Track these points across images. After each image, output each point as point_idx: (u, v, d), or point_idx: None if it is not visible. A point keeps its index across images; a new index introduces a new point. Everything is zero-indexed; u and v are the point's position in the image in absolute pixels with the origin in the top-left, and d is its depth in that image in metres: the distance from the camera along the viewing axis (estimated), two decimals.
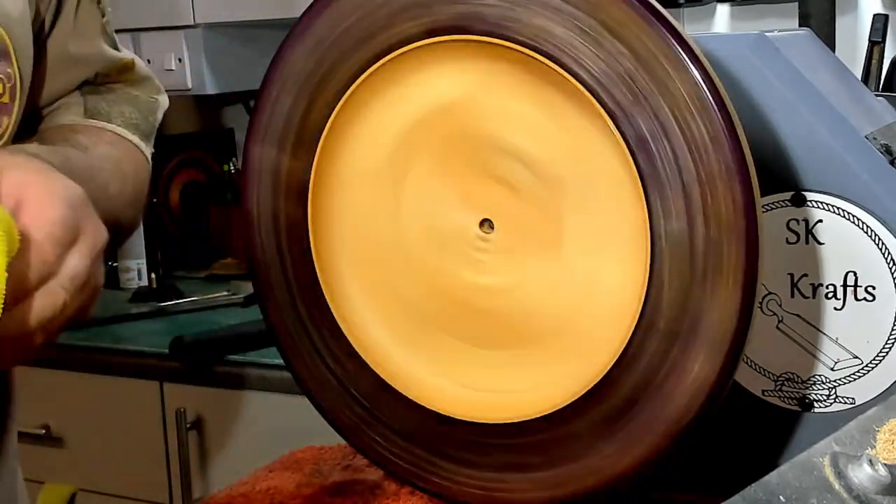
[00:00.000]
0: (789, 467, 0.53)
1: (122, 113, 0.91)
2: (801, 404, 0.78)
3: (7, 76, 0.77)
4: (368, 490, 0.82)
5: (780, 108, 0.75)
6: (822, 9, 1.65)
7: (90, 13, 0.91)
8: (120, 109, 0.91)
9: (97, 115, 0.90)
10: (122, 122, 0.90)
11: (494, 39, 0.66)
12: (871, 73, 1.67)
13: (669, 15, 0.63)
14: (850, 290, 0.75)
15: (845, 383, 0.77)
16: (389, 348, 0.74)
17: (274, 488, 0.84)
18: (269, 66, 0.74)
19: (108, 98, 0.91)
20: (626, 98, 0.63)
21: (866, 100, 0.87)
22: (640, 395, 0.66)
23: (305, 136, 0.73)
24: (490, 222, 0.70)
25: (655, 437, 0.66)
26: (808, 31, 0.88)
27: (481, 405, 0.72)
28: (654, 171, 0.63)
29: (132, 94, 0.93)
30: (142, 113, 0.93)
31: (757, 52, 0.76)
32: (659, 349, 0.65)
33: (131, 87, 0.94)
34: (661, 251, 0.64)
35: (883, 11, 1.84)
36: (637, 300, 0.65)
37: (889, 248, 0.74)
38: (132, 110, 0.92)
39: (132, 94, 0.93)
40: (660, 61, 0.62)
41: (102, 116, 0.90)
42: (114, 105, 0.91)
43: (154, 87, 0.97)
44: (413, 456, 0.75)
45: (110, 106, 0.91)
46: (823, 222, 0.75)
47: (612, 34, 0.63)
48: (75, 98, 0.91)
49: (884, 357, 0.75)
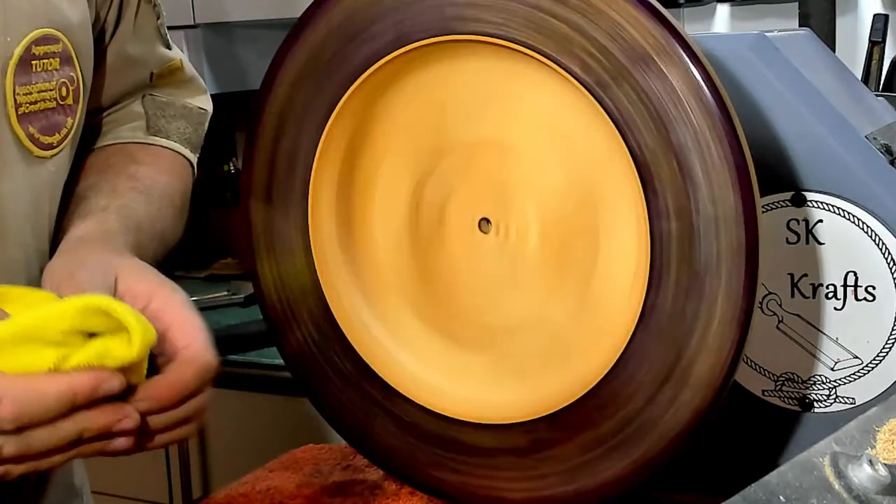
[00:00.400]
0: (789, 467, 0.53)
1: (178, 129, 0.98)
2: (801, 404, 0.78)
3: (70, 80, 0.84)
4: (368, 490, 0.82)
5: (780, 108, 0.75)
6: (822, 9, 1.65)
7: (147, 15, 0.97)
8: (177, 125, 0.98)
9: (158, 133, 0.97)
10: (178, 138, 0.98)
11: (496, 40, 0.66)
12: (871, 73, 1.67)
13: (669, 14, 0.63)
14: (850, 290, 0.75)
15: (845, 383, 0.77)
16: (389, 348, 0.74)
17: (274, 488, 0.84)
18: (269, 65, 0.75)
19: (167, 113, 0.98)
20: (627, 97, 0.63)
21: (866, 100, 0.87)
22: (640, 397, 0.66)
23: (307, 137, 0.73)
24: (486, 220, 0.70)
25: (655, 438, 0.66)
26: (808, 31, 0.88)
27: (481, 406, 0.72)
28: (652, 170, 0.63)
29: (187, 107, 1.00)
30: (192, 126, 1.01)
31: (757, 52, 0.76)
32: (659, 350, 0.65)
33: (181, 91, 1.01)
34: (661, 251, 0.64)
35: (883, 11, 1.84)
36: (638, 299, 0.65)
37: (889, 248, 0.74)
38: (186, 125, 0.99)
39: (187, 105, 1.00)
40: (660, 60, 0.62)
41: (162, 133, 0.98)
42: (172, 121, 0.98)
43: (199, 87, 1.04)
44: (413, 456, 0.75)
45: (169, 122, 0.98)
46: (823, 222, 0.75)
47: (613, 33, 0.63)
48: (136, 108, 0.98)
49: (884, 357, 0.75)
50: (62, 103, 0.84)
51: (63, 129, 0.85)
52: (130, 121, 0.98)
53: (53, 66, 0.83)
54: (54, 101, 0.83)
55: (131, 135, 0.97)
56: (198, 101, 1.03)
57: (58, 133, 0.84)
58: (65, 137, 0.85)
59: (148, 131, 0.98)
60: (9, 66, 0.79)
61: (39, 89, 0.82)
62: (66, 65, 0.84)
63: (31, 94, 0.81)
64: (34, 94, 0.81)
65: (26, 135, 0.81)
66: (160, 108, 0.99)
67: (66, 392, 0.64)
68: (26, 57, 0.80)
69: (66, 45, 0.84)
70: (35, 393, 0.64)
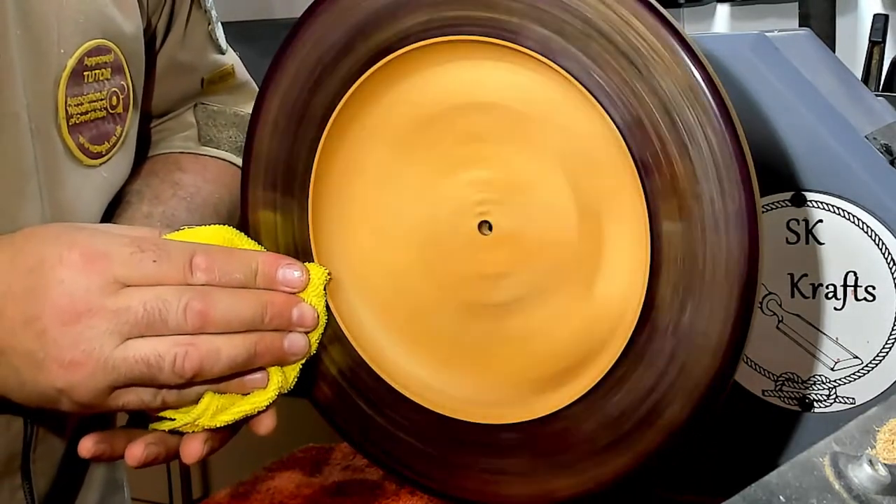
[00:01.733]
0: (789, 467, 0.53)
1: (229, 138, 0.99)
2: (801, 404, 0.78)
3: (121, 88, 0.85)
4: (368, 490, 0.82)
5: (780, 108, 0.75)
6: (822, 9, 1.65)
7: (198, 21, 0.98)
8: (228, 135, 0.99)
9: (209, 143, 0.99)
10: (229, 147, 0.99)
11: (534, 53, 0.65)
12: (871, 73, 1.67)
13: (669, 14, 0.63)
14: (850, 290, 0.75)
15: (845, 383, 0.77)
16: (388, 347, 0.74)
17: (274, 488, 0.84)
18: (269, 65, 0.75)
19: (218, 122, 0.99)
20: (627, 97, 0.63)
21: (866, 100, 0.87)
22: (640, 396, 0.66)
23: (307, 136, 0.73)
24: (487, 223, 0.70)
25: (655, 439, 0.66)
26: (808, 31, 0.88)
27: (481, 406, 0.72)
28: (652, 170, 0.63)
29: (238, 115, 1.01)
30: (244, 133, 1.02)
31: (757, 52, 0.76)
32: (658, 350, 0.65)
33: (232, 96, 1.02)
34: (662, 251, 0.64)
35: (883, 11, 1.84)
36: (637, 299, 0.65)
37: (889, 248, 0.74)
38: (237, 133, 1.00)
39: (238, 113, 1.01)
40: (660, 61, 0.62)
41: (213, 143, 0.99)
42: (223, 130, 0.99)
43: (251, 91, 1.04)
44: (413, 456, 0.75)
45: (220, 132, 0.99)
46: (823, 222, 0.75)
47: (613, 35, 0.63)
48: (188, 118, 0.99)
49: (884, 357, 0.75)
50: (112, 112, 0.85)
51: (112, 137, 0.85)
52: (182, 130, 0.99)
53: (104, 77, 0.83)
54: (104, 110, 0.84)
55: (182, 145, 0.98)
56: (249, 107, 1.04)
57: (107, 142, 0.84)
58: (113, 146, 0.85)
59: (199, 141, 0.98)
60: (62, 79, 0.79)
61: (90, 100, 0.82)
62: (117, 74, 0.84)
63: (81, 104, 0.81)
64: (85, 105, 0.82)
65: (76, 145, 0.81)
66: (211, 116, 1.00)
67: (251, 257, 0.67)
68: (79, 69, 0.80)
69: (118, 55, 0.84)
70: (222, 251, 0.67)
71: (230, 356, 0.65)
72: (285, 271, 0.68)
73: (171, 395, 0.65)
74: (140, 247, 0.64)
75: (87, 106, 0.82)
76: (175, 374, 0.63)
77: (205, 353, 0.64)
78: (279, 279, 0.68)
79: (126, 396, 0.65)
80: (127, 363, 0.63)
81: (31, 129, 0.77)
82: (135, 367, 0.63)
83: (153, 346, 0.63)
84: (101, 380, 0.63)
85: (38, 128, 0.78)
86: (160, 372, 0.63)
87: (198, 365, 0.64)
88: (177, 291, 0.64)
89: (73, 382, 0.63)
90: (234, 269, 0.66)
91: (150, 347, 0.63)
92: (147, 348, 0.63)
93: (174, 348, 0.63)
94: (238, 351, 0.65)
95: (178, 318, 0.63)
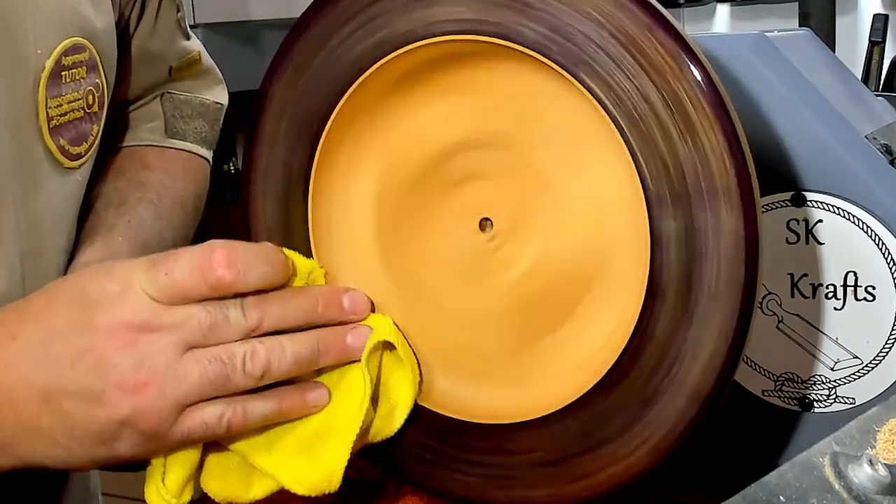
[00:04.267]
0: (789, 467, 0.53)
1: (195, 129, 0.99)
2: (801, 404, 0.78)
3: (96, 87, 0.83)
4: (368, 490, 0.82)
5: (780, 108, 0.75)
6: (822, 9, 1.65)
7: (168, 9, 0.97)
8: (194, 126, 0.99)
9: (175, 135, 0.98)
10: (195, 139, 0.99)
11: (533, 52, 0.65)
12: (871, 73, 1.67)
13: (670, 15, 0.63)
14: (850, 290, 0.75)
15: (845, 383, 0.77)
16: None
17: None
18: (269, 65, 0.75)
19: (184, 113, 0.99)
20: (627, 98, 0.63)
21: (866, 100, 0.87)
22: (638, 397, 0.66)
23: (307, 136, 0.73)
24: (488, 220, 0.70)
25: (655, 440, 0.66)
26: (808, 31, 0.88)
27: (480, 406, 0.72)
28: (651, 170, 0.63)
29: (204, 104, 1.00)
30: (209, 123, 1.02)
31: (757, 52, 0.76)
32: (657, 351, 0.65)
33: (198, 82, 1.01)
34: (661, 251, 0.64)
35: (883, 11, 1.84)
36: (637, 299, 0.65)
37: (889, 248, 0.74)
38: (202, 124, 0.99)
39: (204, 102, 1.00)
40: (660, 60, 0.62)
41: (179, 136, 0.98)
42: (189, 121, 0.98)
43: (216, 78, 1.04)
44: (413, 456, 0.75)
45: (186, 123, 0.98)
46: (823, 222, 0.75)
47: (618, 36, 0.63)
48: (155, 108, 0.99)
49: (884, 357, 0.75)
50: (88, 111, 0.83)
51: (90, 137, 0.83)
52: (149, 121, 0.98)
53: (80, 76, 0.81)
54: (82, 110, 0.82)
55: (149, 137, 0.98)
56: (214, 93, 1.03)
57: (85, 142, 0.83)
58: (91, 146, 0.84)
59: (165, 133, 0.97)
60: (41, 80, 0.77)
61: (69, 100, 0.80)
62: (92, 72, 0.83)
63: (61, 105, 0.79)
64: (64, 106, 0.80)
65: (57, 147, 0.79)
66: (178, 107, 0.99)
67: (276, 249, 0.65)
68: (56, 69, 0.78)
69: (93, 53, 0.82)
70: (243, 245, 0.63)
71: (295, 351, 0.64)
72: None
73: (236, 415, 0.62)
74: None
75: (66, 107, 0.80)
76: (246, 374, 0.61)
77: (270, 349, 0.62)
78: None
79: (192, 420, 0.61)
80: (200, 365, 0.60)
81: (7, 134, 0.75)
82: (209, 367, 0.60)
83: (222, 348, 0.61)
84: (170, 395, 0.60)
85: (15, 132, 0.76)
86: (234, 371, 0.61)
87: (265, 361, 0.62)
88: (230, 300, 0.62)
89: (140, 406, 0.60)
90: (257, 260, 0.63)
91: (221, 348, 0.61)
92: (217, 349, 0.61)
93: (241, 347, 0.62)
94: (302, 347, 0.64)
95: (238, 316, 0.61)
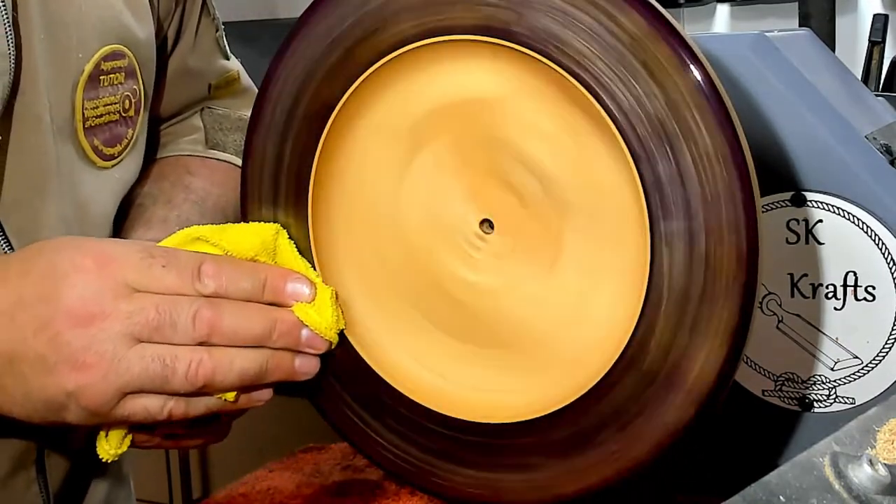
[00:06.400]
0: (789, 467, 0.53)
1: (234, 141, 1.02)
2: (801, 404, 0.78)
3: (133, 92, 0.88)
4: (368, 490, 0.82)
5: (780, 108, 0.75)
6: (822, 9, 1.65)
7: (207, 28, 1.01)
8: (233, 138, 1.02)
9: (216, 146, 1.01)
10: (234, 151, 1.01)
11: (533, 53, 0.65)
12: (871, 73, 1.67)
13: (670, 16, 0.63)
14: (850, 290, 0.75)
15: (845, 383, 0.77)
16: (389, 347, 0.74)
17: (274, 488, 0.84)
18: (269, 65, 0.75)
19: (224, 126, 1.02)
20: (627, 98, 0.63)
21: (866, 100, 0.87)
22: (638, 396, 0.66)
23: (307, 131, 0.73)
24: (490, 223, 0.70)
25: (654, 440, 0.66)
26: (808, 31, 0.88)
27: (480, 405, 0.72)
28: (652, 169, 0.63)
29: (242, 118, 1.03)
30: None
31: (757, 52, 0.76)
32: (657, 350, 0.65)
33: (237, 101, 1.05)
34: (661, 250, 0.64)
35: (883, 11, 1.84)
36: (637, 299, 0.65)
37: (889, 248, 0.74)
38: (241, 137, 1.01)
39: (242, 117, 1.03)
40: (660, 60, 0.62)
41: (220, 147, 1.01)
42: (229, 134, 1.02)
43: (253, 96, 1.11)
44: (413, 456, 0.75)
45: (226, 135, 1.02)
46: (823, 222, 0.75)
47: (613, 35, 0.63)
48: (196, 122, 1.02)
49: (884, 357, 0.75)
50: (124, 115, 0.87)
51: (124, 139, 0.87)
52: (189, 134, 1.02)
53: (119, 81, 0.86)
54: (118, 113, 0.86)
55: (191, 148, 1.01)
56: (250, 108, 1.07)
57: (119, 144, 0.87)
58: (125, 148, 0.88)
59: (206, 144, 1.01)
60: (80, 82, 0.81)
61: (105, 103, 0.84)
62: (130, 78, 0.87)
63: (97, 107, 0.84)
64: (100, 108, 0.84)
65: (91, 147, 0.84)
66: (217, 120, 1.03)
67: (260, 269, 0.68)
68: (95, 73, 0.83)
69: (132, 60, 0.87)
70: (230, 261, 0.68)
71: (242, 368, 0.65)
72: (294, 285, 0.69)
73: (178, 406, 0.66)
74: (150, 252, 0.65)
75: (102, 109, 0.84)
76: (187, 381, 0.64)
77: (218, 363, 0.64)
78: (288, 292, 0.68)
79: (133, 405, 0.65)
80: (143, 362, 0.63)
81: (52, 130, 0.79)
82: (150, 366, 0.63)
83: (169, 349, 0.64)
84: (112, 381, 0.63)
85: (58, 130, 0.80)
86: (174, 375, 0.63)
87: (210, 373, 0.64)
88: (188, 299, 0.64)
89: (84, 384, 0.63)
90: (242, 278, 0.67)
91: (166, 349, 0.64)
92: (162, 349, 0.64)
93: (189, 354, 0.64)
94: (250, 364, 0.66)
95: (187, 323, 0.64)
